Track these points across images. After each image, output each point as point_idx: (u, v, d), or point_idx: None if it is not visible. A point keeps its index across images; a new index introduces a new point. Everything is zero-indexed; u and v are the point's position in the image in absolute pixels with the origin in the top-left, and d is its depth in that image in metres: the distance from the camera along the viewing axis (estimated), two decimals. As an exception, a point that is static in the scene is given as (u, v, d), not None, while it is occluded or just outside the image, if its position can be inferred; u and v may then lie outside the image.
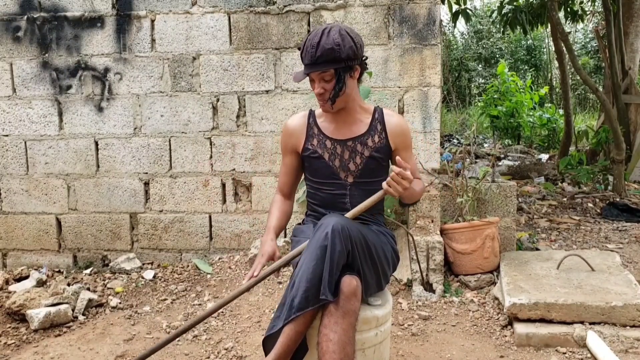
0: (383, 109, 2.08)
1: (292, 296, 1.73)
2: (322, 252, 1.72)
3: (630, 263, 3.47)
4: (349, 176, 2.00)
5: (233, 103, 3.57)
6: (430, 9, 3.38)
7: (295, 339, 1.73)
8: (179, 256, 3.70)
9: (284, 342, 1.72)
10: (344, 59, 1.85)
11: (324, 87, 1.89)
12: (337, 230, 1.73)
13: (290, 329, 1.71)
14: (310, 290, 1.70)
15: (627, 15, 6.20)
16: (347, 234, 1.75)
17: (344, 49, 1.84)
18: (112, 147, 3.66)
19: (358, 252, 1.80)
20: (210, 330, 2.75)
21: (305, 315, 1.71)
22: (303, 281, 1.71)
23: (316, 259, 1.72)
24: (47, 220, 3.74)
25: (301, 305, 1.70)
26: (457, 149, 4.20)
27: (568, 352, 2.46)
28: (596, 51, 12.06)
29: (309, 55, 1.85)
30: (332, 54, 1.83)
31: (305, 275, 1.72)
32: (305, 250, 1.80)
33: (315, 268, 1.71)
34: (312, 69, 1.87)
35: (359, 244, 1.80)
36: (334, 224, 1.75)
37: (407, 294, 3.11)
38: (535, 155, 8.16)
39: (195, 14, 3.53)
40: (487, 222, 3.23)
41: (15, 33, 3.65)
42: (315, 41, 1.84)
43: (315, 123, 2.06)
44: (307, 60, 1.87)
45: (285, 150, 2.12)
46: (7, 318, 2.91)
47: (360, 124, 2.02)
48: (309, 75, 1.90)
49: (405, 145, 2.07)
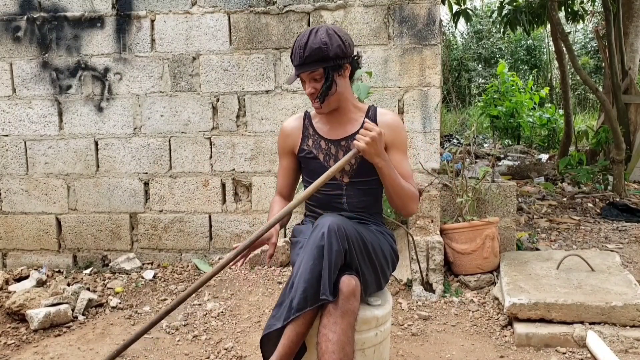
0: (377, 108, 2.07)
1: (290, 297, 1.73)
2: (319, 252, 1.72)
3: (630, 263, 3.47)
4: (344, 176, 2.00)
5: (233, 103, 3.57)
6: (430, 9, 3.38)
7: (296, 341, 1.73)
8: (178, 256, 3.70)
9: (285, 344, 1.72)
10: (332, 57, 1.86)
11: (314, 87, 1.90)
12: (334, 230, 1.74)
13: (291, 331, 1.72)
14: (308, 290, 1.70)
15: (627, 15, 6.20)
16: (343, 233, 1.75)
17: (331, 47, 1.85)
18: (112, 147, 3.66)
19: (355, 251, 1.80)
20: (210, 330, 2.75)
21: (305, 315, 1.71)
22: (301, 281, 1.71)
23: (314, 259, 1.72)
24: (47, 220, 3.74)
25: (300, 305, 1.70)
26: (457, 149, 4.20)
27: (568, 352, 2.46)
28: (596, 51, 12.06)
29: (297, 56, 1.87)
30: (320, 53, 1.84)
31: (304, 275, 1.72)
32: (302, 251, 1.80)
33: (313, 268, 1.71)
34: (301, 69, 1.88)
35: (356, 243, 1.80)
36: (330, 223, 1.75)
37: (407, 294, 3.11)
38: (535, 156, 8.16)
39: (195, 14, 3.53)
40: (487, 222, 3.23)
41: (15, 33, 3.65)
42: (303, 42, 1.86)
43: (310, 124, 2.07)
44: (297, 61, 1.88)
45: (282, 152, 2.12)
46: (7, 318, 2.91)
47: (354, 123, 2.02)
48: (300, 77, 1.91)
49: (396, 144, 2.00)
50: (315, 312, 1.74)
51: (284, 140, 2.10)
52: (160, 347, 2.59)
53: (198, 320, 2.86)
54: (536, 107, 9.42)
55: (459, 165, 3.59)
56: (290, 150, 2.09)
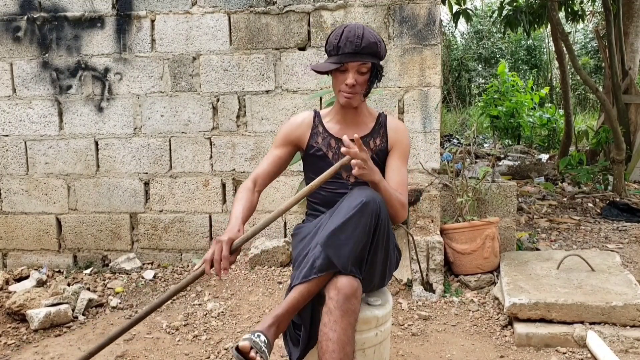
0: (387, 116, 2.10)
1: (314, 256, 1.72)
2: (350, 219, 1.71)
3: (630, 263, 3.47)
4: (350, 176, 1.99)
5: (233, 103, 3.57)
6: (430, 9, 3.38)
7: (306, 296, 1.72)
8: (179, 256, 3.70)
9: (294, 297, 1.71)
10: (381, 56, 1.93)
11: (357, 79, 1.90)
12: (372, 203, 1.73)
13: (303, 286, 1.71)
14: (332, 253, 1.70)
15: (627, 15, 6.20)
16: (377, 210, 1.75)
17: (382, 47, 1.93)
18: (112, 147, 3.67)
19: (379, 234, 1.78)
20: (210, 330, 2.75)
21: (322, 276, 1.71)
22: (329, 243, 1.70)
23: (343, 224, 1.71)
24: (47, 220, 3.75)
25: (322, 267, 1.70)
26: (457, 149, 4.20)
27: (568, 352, 2.46)
28: (596, 51, 12.06)
29: (352, 44, 1.86)
30: (375, 48, 1.89)
31: (332, 238, 1.70)
32: (328, 213, 1.79)
33: (340, 232, 1.70)
34: (354, 58, 1.87)
35: (382, 227, 1.79)
36: (368, 196, 1.75)
37: (407, 294, 3.11)
38: (535, 156, 8.16)
39: (195, 14, 3.53)
40: (487, 222, 3.23)
41: (16, 33, 3.65)
42: (359, 33, 1.87)
43: (320, 122, 2.06)
44: (350, 49, 1.86)
45: (284, 140, 2.07)
46: (7, 318, 2.91)
47: (364, 126, 2.04)
48: (345, 65, 1.88)
49: (399, 148, 2.03)
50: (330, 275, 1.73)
51: (292, 130, 2.06)
52: (161, 347, 2.59)
53: (198, 320, 2.86)
54: (536, 107, 9.42)
55: (459, 165, 3.59)
56: (293, 141, 2.06)
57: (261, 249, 3.42)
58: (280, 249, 3.42)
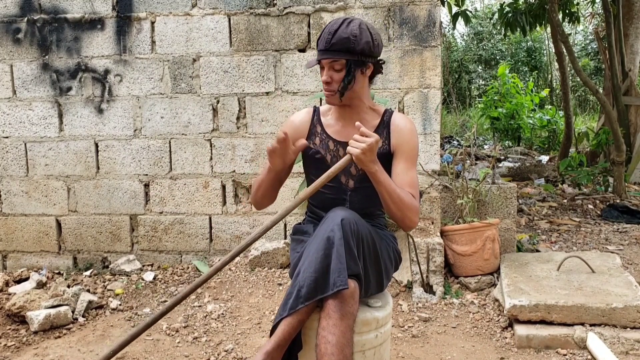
0: (394, 112, 1.99)
1: (298, 286, 1.70)
2: (329, 243, 1.70)
3: (631, 264, 3.47)
4: (349, 180, 1.97)
5: (233, 105, 3.57)
6: (430, 10, 3.38)
7: (296, 327, 1.72)
8: (179, 258, 3.70)
9: (284, 330, 1.70)
10: (358, 52, 1.82)
11: (331, 76, 1.85)
12: (347, 223, 1.72)
13: (292, 317, 1.70)
14: (319, 280, 1.68)
15: (627, 17, 6.21)
16: (355, 228, 1.73)
17: (359, 42, 1.81)
18: (112, 149, 3.67)
19: (364, 248, 1.78)
20: (210, 332, 2.75)
21: (309, 305, 1.70)
22: (311, 271, 1.68)
23: (324, 249, 1.70)
24: (47, 222, 3.74)
25: (310, 295, 1.68)
26: (457, 151, 4.19)
27: (568, 353, 2.45)
28: (596, 53, 12.06)
29: (324, 41, 1.84)
30: (347, 44, 1.81)
31: (313, 265, 1.69)
32: (311, 241, 1.77)
33: (323, 258, 1.69)
34: (324, 55, 1.84)
35: (365, 240, 1.78)
36: (343, 217, 1.73)
37: (407, 296, 3.11)
38: (535, 157, 8.16)
39: (195, 15, 3.53)
40: (488, 223, 3.23)
41: (16, 35, 3.65)
42: (333, 28, 1.82)
43: (319, 121, 2.01)
44: (322, 46, 1.84)
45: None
46: (7, 320, 2.91)
47: (366, 124, 1.93)
48: (320, 63, 1.87)
49: (404, 153, 1.92)
50: (317, 303, 1.73)
51: (290, 132, 2.00)
52: (161, 349, 2.59)
53: (198, 322, 2.85)
54: (536, 108, 9.43)
55: (459, 166, 3.59)
56: (293, 142, 2.05)
57: (261, 250, 3.42)
58: (280, 250, 3.42)
